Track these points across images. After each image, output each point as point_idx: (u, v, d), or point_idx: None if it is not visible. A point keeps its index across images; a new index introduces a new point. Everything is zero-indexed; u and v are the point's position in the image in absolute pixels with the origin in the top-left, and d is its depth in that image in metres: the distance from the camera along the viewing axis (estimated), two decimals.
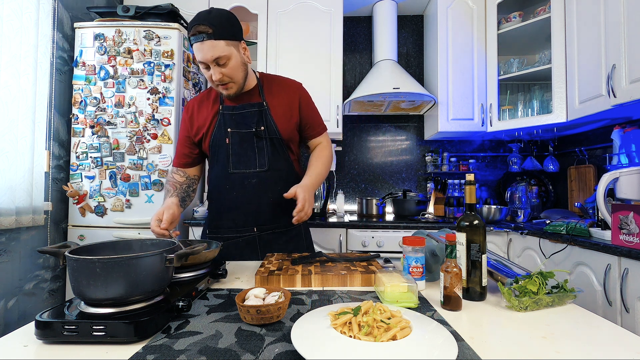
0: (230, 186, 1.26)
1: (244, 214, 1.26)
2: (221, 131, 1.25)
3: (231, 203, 1.27)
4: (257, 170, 1.25)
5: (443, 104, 2.50)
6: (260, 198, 1.26)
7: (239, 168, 1.25)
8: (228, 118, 1.26)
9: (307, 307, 0.75)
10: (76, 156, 2.05)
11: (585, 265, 1.56)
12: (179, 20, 2.19)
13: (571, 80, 2.04)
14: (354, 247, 2.18)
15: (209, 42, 1.08)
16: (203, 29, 1.07)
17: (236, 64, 1.15)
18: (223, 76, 1.14)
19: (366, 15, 2.96)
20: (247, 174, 1.25)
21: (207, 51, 1.09)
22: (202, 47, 1.09)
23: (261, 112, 1.26)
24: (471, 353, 0.55)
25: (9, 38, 1.66)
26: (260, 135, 1.25)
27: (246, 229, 1.27)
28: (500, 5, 2.42)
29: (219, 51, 1.10)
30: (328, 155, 1.36)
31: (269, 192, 1.26)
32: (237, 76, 1.17)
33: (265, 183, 1.26)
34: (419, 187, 2.91)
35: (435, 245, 0.97)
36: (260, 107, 1.26)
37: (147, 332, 0.60)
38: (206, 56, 1.10)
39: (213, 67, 1.12)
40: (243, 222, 1.27)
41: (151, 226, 1.06)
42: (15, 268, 1.77)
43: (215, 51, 1.09)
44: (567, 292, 0.78)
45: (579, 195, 2.41)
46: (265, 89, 1.30)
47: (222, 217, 1.29)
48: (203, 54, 1.10)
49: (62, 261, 0.66)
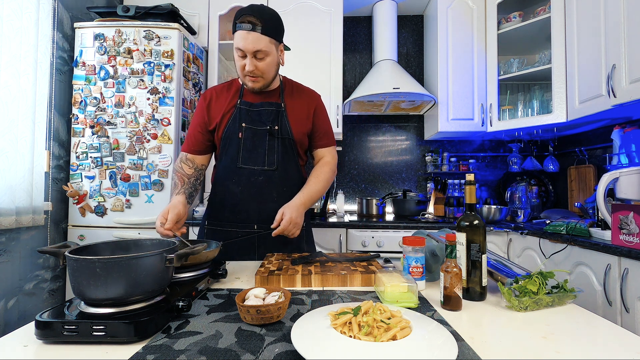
0: (237, 181, 1.27)
1: (246, 211, 1.27)
2: (235, 125, 1.26)
3: (235, 197, 1.27)
4: (266, 168, 1.26)
5: (443, 104, 2.50)
6: (264, 196, 1.26)
7: (248, 164, 1.26)
8: (244, 113, 1.27)
9: (307, 307, 0.75)
10: (76, 156, 2.05)
11: (585, 265, 1.56)
12: (179, 20, 2.19)
13: (571, 80, 2.04)
14: (354, 247, 2.18)
15: (255, 34, 1.12)
16: (254, 20, 1.11)
17: (272, 62, 1.20)
18: (256, 69, 1.18)
19: (366, 15, 2.96)
20: (255, 170, 1.26)
21: (251, 41, 1.12)
22: (247, 36, 1.12)
23: (278, 112, 1.28)
24: (471, 353, 0.55)
25: (9, 38, 1.66)
26: (274, 134, 1.26)
27: (246, 225, 1.27)
28: (500, 5, 2.42)
29: (262, 45, 1.13)
30: (328, 172, 1.33)
31: (274, 191, 1.27)
32: (269, 74, 1.21)
33: (272, 182, 1.27)
34: (419, 187, 2.91)
35: (435, 245, 0.97)
36: (278, 107, 1.29)
37: (147, 332, 0.60)
38: (248, 46, 1.13)
39: (250, 58, 1.15)
40: (244, 218, 1.27)
41: (156, 226, 1.07)
42: (15, 268, 1.77)
43: (258, 44, 1.13)
44: (567, 292, 0.78)
45: (579, 195, 2.41)
46: (286, 91, 1.33)
47: (224, 210, 1.29)
48: (246, 43, 1.13)
49: (62, 261, 0.66)
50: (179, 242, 0.93)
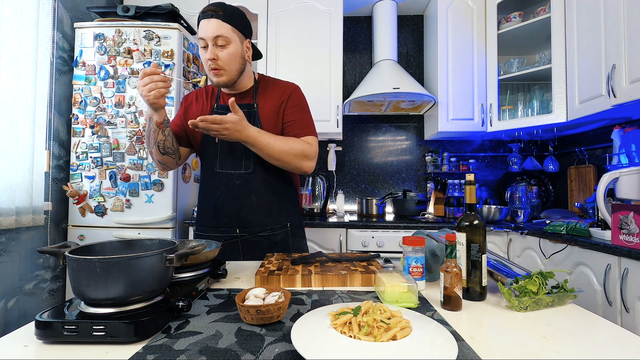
0: (216, 186, 1.26)
1: (227, 215, 1.26)
2: None
3: (215, 202, 1.27)
4: (243, 172, 1.25)
5: (443, 104, 2.50)
6: (243, 200, 1.25)
7: (224, 168, 1.25)
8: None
9: (307, 307, 0.75)
10: (76, 156, 2.05)
11: (585, 265, 1.56)
12: (179, 20, 2.19)
13: (571, 80, 2.04)
14: (354, 247, 2.18)
15: (215, 20, 1.11)
16: (215, 9, 1.12)
17: (234, 52, 1.16)
18: (217, 59, 1.14)
19: (366, 15, 2.96)
20: (232, 174, 1.25)
21: (211, 28, 1.11)
22: (207, 24, 1.12)
23: (250, 113, 1.24)
24: (471, 353, 0.55)
25: (9, 38, 1.66)
26: None
27: (228, 229, 1.27)
28: (500, 5, 2.42)
29: (222, 31, 1.12)
30: (297, 142, 1.20)
31: (252, 194, 1.25)
32: (232, 66, 1.17)
33: (250, 185, 1.25)
34: (419, 187, 2.91)
35: (435, 245, 0.97)
36: (250, 108, 1.25)
37: (147, 332, 0.60)
38: (208, 33, 1.12)
39: (211, 46, 1.13)
40: (226, 222, 1.27)
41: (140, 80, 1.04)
42: (15, 268, 1.77)
43: (219, 30, 1.11)
44: (567, 292, 0.78)
45: (579, 195, 2.41)
46: (259, 90, 1.29)
47: (206, 215, 1.30)
48: (206, 30, 1.12)
49: (62, 261, 0.66)
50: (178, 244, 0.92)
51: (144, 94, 1.03)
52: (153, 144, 1.19)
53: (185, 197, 2.23)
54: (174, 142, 1.24)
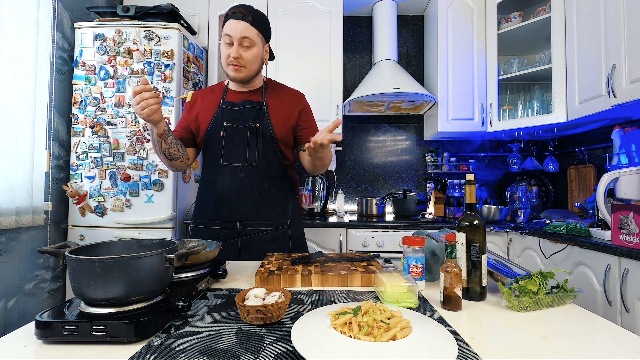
0: (219, 178, 1.28)
1: (229, 208, 1.28)
2: (217, 123, 1.29)
3: (217, 194, 1.29)
4: (247, 165, 1.27)
5: (443, 104, 2.50)
6: (245, 192, 1.27)
7: (228, 161, 1.28)
8: (226, 112, 1.29)
9: (307, 307, 0.75)
10: (76, 156, 2.05)
11: (585, 265, 1.56)
12: (179, 20, 2.19)
13: (571, 80, 2.04)
14: (354, 247, 2.18)
15: (244, 23, 1.19)
16: (245, 12, 1.20)
17: (257, 54, 1.25)
18: (241, 57, 1.21)
19: (366, 15, 2.96)
20: (236, 167, 1.27)
21: (240, 29, 1.19)
22: (236, 24, 1.19)
23: (259, 110, 1.30)
24: (471, 353, 0.55)
25: (9, 38, 1.66)
26: (254, 131, 1.28)
27: (229, 222, 1.28)
28: (500, 5, 2.42)
29: (250, 33, 1.20)
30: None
31: (255, 187, 1.28)
32: (252, 65, 1.25)
33: (253, 178, 1.28)
34: (419, 187, 2.91)
35: (435, 245, 0.97)
36: (259, 105, 1.30)
37: (147, 332, 0.60)
38: (236, 33, 1.19)
39: (236, 46, 1.20)
40: (226, 215, 1.28)
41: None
42: (15, 268, 1.77)
43: (247, 32, 1.19)
44: (567, 292, 0.78)
45: (579, 195, 2.41)
46: (268, 91, 1.35)
47: (207, 208, 1.31)
48: (234, 29, 1.19)
49: (62, 261, 0.66)
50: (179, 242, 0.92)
51: (138, 113, 1.04)
52: (159, 152, 1.22)
53: (185, 197, 2.23)
54: (179, 147, 1.26)
